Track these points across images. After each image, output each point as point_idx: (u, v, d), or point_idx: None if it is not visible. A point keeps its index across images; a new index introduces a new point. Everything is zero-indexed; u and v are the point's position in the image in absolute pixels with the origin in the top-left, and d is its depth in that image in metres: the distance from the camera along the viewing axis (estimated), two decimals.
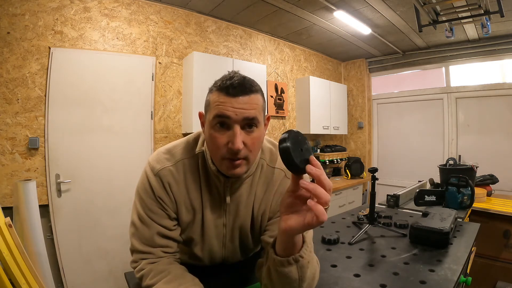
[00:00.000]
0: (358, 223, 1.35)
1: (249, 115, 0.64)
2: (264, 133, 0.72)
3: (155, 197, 0.72)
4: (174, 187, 0.73)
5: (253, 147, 0.66)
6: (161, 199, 0.72)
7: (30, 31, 1.93)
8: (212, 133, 0.65)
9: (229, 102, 0.63)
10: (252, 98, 0.65)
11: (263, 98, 0.70)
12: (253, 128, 0.66)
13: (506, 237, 1.86)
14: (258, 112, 0.66)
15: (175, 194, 0.74)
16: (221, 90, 0.64)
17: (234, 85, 0.63)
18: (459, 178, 1.63)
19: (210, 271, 0.75)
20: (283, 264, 0.55)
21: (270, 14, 2.85)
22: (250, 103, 0.64)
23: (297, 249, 0.56)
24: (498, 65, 3.34)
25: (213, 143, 0.66)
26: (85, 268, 2.10)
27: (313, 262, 0.61)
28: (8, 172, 1.86)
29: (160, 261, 0.71)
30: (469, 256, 1.02)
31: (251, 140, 0.65)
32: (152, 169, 0.73)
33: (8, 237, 1.31)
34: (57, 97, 2.01)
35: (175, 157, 0.75)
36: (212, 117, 0.65)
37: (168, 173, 0.73)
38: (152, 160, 0.75)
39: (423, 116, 3.92)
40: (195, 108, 2.44)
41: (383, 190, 2.63)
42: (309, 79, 3.61)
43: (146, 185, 0.73)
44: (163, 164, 0.74)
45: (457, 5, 2.16)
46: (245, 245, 0.85)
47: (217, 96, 0.65)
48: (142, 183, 0.74)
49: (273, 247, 0.58)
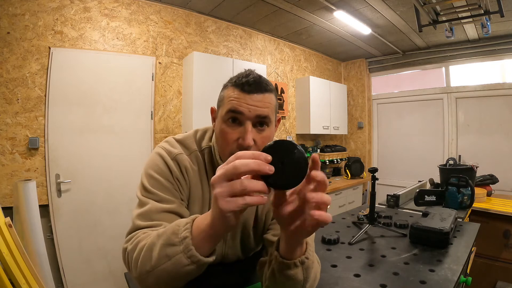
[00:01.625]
0: (358, 223, 1.35)
1: (262, 113, 0.64)
2: (274, 134, 0.72)
3: (172, 177, 0.69)
4: (191, 174, 0.73)
5: (263, 146, 0.66)
6: (178, 181, 0.70)
7: (30, 31, 1.93)
8: (224, 128, 0.66)
9: (243, 98, 0.64)
10: (266, 96, 0.65)
11: (276, 98, 0.70)
12: (264, 127, 0.66)
13: (506, 237, 1.86)
14: (271, 111, 0.67)
15: (191, 180, 0.73)
16: (237, 86, 0.65)
17: (249, 82, 0.64)
18: (459, 178, 1.63)
19: (210, 271, 0.74)
20: (289, 267, 0.54)
21: (270, 14, 2.85)
22: (264, 101, 0.65)
23: (302, 251, 0.55)
24: (498, 65, 3.34)
25: (224, 138, 0.66)
26: (85, 268, 2.10)
27: (316, 262, 0.62)
28: (8, 172, 1.86)
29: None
30: (469, 256, 1.02)
31: (261, 139, 0.66)
32: (169, 153, 0.72)
33: (8, 237, 1.31)
34: (57, 97, 2.01)
35: (189, 148, 0.75)
36: (225, 112, 0.65)
37: (185, 159, 0.73)
38: (166, 146, 0.74)
39: (423, 116, 3.92)
40: (195, 108, 2.44)
41: (383, 190, 2.63)
42: (309, 79, 3.61)
43: (162, 166, 0.70)
44: (180, 150, 0.73)
45: (457, 5, 2.15)
46: (246, 244, 0.85)
47: (232, 91, 0.65)
48: (156, 164, 0.70)
49: (277, 249, 0.57)
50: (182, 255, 0.48)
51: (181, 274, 0.50)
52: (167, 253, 0.50)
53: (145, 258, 0.53)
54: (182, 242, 0.49)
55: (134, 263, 0.55)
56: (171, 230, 0.51)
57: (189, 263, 0.49)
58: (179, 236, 0.49)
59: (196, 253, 0.48)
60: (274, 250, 0.58)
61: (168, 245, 0.50)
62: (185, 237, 0.49)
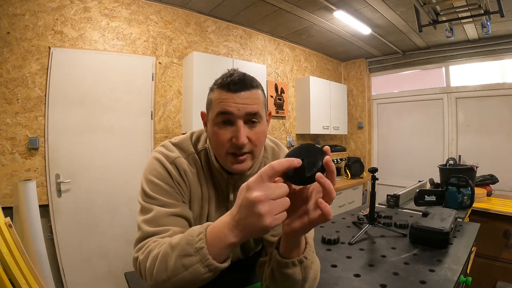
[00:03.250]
0: (358, 223, 1.35)
1: (252, 110, 0.64)
2: (267, 128, 0.72)
3: (172, 181, 0.70)
4: (190, 176, 0.73)
5: (258, 142, 0.67)
6: (178, 184, 0.70)
7: (30, 31, 1.93)
8: (216, 130, 0.66)
9: (231, 98, 0.64)
10: (253, 93, 0.66)
11: (263, 93, 0.71)
12: (256, 123, 0.66)
13: (506, 237, 1.86)
14: (260, 107, 0.67)
15: (190, 183, 0.73)
16: (223, 87, 0.65)
17: (235, 81, 0.64)
18: (459, 178, 1.63)
19: None
20: (287, 266, 0.55)
21: (270, 14, 2.85)
22: (251, 98, 0.65)
23: (301, 250, 0.56)
24: (498, 65, 3.34)
25: (217, 140, 0.66)
26: (85, 268, 2.10)
27: (316, 262, 0.62)
28: (8, 172, 1.86)
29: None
30: (469, 256, 1.02)
31: (255, 135, 0.66)
32: (167, 158, 0.71)
33: (8, 237, 1.31)
34: (57, 97, 2.01)
35: (186, 151, 0.75)
36: (215, 115, 0.65)
37: (183, 162, 0.73)
38: (163, 150, 0.74)
39: (423, 116, 3.92)
40: (195, 108, 2.44)
41: (383, 190, 2.63)
42: (309, 79, 3.61)
43: (161, 170, 0.70)
44: (177, 154, 0.73)
45: (457, 5, 2.15)
46: (246, 244, 0.85)
47: (218, 93, 0.65)
48: (155, 169, 0.70)
49: (277, 248, 0.58)
50: (199, 265, 0.49)
51: (198, 282, 0.52)
52: (183, 263, 0.51)
53: (160, 269, 0.53)
54: (199, 253, 0.49)
55: (148, 273, 0.56)
56: (185, 241, 0.52)
57: (206, 271, 0.50)
58: (195, 247, 0.50)
59: (213, 261, 0.49)
60: (274, 249, 0.59)
61: (184, 256, 0.51)
62: (201, 247, 0.50)
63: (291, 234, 0.52)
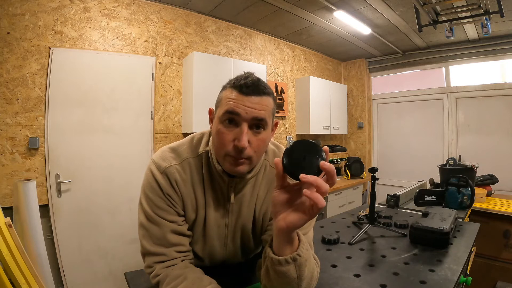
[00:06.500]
0: (358, 223, 1.35)
1: (259, 116, 0.65)
2: (270, 137, 0.72)
3: (163, 194, 0.71)
4: (181, 185, 0.73)
5: (258, 149, 0.67)
6: (169, 196, 0.72)
7: (30, 31, 1.93)
8: (221, 128, 0.66)
9: (241, 100, 0.64)
10: (263, 99, 0.66)
11: (274, 102, 0.71)
12: (261, 130, 0.67)
13: (506, 237, 1.86)
14: (268, 114, 0.67)
15: (182, 192, 0.74)
16: (235, 88, 0.65)
17: (248, 84, 0.65)
18: (459, 178, 1.63)
19: (210, 271, 0.75)
20: (281, 263, 0.55)
21: (270, 14, 2.85)
22: (261, 103, 0.65)
23: (294, 248, 0.56)
24: (498, 65, 3.34)
25: (220, 139, 0.67)
26: (85, 268, 2.10)
27: (311, 260, 0.61)
28: (8, 172, 1.86)
29: (176, 266, 0.70)
30: (469, 256, 1.02)
31: (257, 142, 0.66)
32: (158, 167, 0.73)
33: (8, 237, 1.31)
34: (57, 97, 2.01)
35: (180, 156, 0.76)
36: (222, 113, 0.66)
37: (175, 171, 0.73)
38: (157, 158, 0.75)
39: (423, 116, 3.92)
40: (195, 108, 2.44)
41: (383, 190, 2.63)
42: (309, 79, 3.61)
43: (153, 183, 0.72)
44: (170, 162, 0.74)
45: (457, 5, 2.15)
46: (246, 246, 0.85)
47: (230, 93, 0.66)
48: (148, 182, 0.73)
49: (270, 246, 0.58)
50: None
51: None
52: None
53: None
54: None
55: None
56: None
57: None
58: None
59: None
60: (267, 247, 0.59)
61: None
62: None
63: (285, 229, 0.52)
